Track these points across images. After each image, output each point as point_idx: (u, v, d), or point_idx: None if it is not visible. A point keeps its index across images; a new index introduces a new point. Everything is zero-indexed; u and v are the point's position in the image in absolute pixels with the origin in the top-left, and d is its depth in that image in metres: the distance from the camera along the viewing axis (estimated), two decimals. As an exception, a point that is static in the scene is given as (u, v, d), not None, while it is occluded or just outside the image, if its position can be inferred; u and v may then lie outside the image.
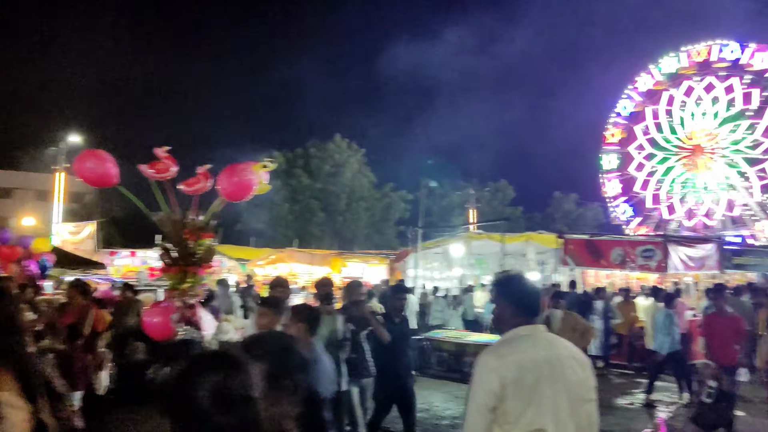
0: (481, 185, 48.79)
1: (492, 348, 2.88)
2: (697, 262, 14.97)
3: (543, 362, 2.74)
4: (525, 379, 2.68)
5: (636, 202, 46.75)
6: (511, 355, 2.75)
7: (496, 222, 17.28)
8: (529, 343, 2.80)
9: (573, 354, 2.86)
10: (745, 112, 42.09)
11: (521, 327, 2.86)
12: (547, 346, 2.82)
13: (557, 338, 2.99)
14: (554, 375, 2.73)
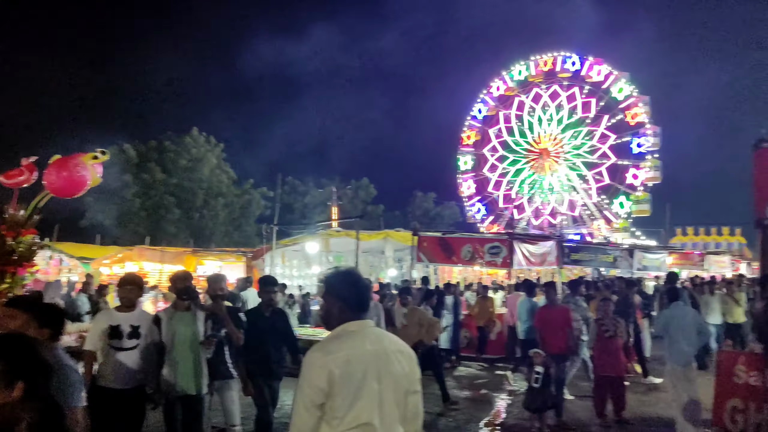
0: (343, 183, 49.19)
1: (320, 345, 2.84)
2: (538, 258, 15.94)
3: (371, 357, 2.76)
4: (353, 375, 2.69)
5: (489, 202, 49.27)
6: (339, 351, 2.74)
7: (352, 219, 17.32)
8: (357, 339, 2.80)
9: (400, 348, 2.91)
10: (584, 119, 45.73)
11: (349, 323, 2.86)
12: (375, 341, 2.83)
13: (385, 333, 3.02)
14: (381, 369, 2.76)
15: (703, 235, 47.08)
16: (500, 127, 48.52)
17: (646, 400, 9.94)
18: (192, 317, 5.64)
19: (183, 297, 5.71)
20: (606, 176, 45.31)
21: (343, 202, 44.27)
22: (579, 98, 45.53)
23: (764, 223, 7.82)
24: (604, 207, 46.03)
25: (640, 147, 43.08)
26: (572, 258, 18.38)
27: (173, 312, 5.69)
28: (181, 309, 5.68)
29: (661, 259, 22.97)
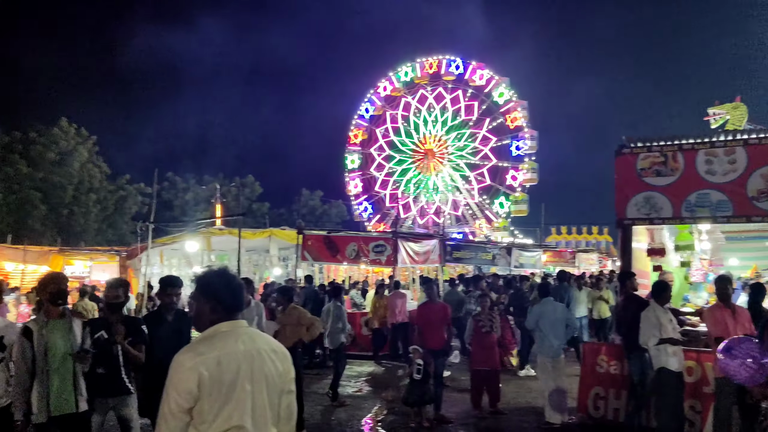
0: (227, 180, 47.99)
1: (189, 347, 2.75)
2: (422, 256, 16.27)
3: (243, 358, 2.70)
4: (224, 376, 2.63)
5: (376, 201, 49.88)
6: (210, 352, 2.66)
7: (234, 217, 16.87)
8: (229, 339, 2.74)
9: (273, 348, 2.87)
10: (467, 122, 47.36)
11: (222, 323, 2.79)
12: (248, 342, 2.78)
13: (258, 333, 2.96)
14: (254, 370, 2.72)
15: (575, 234, 49.96)
16: (387, 127, 49.25)
17: (520, 391, 10.41)
18: (67, 326, 4.96)
19: (57, 302, 4.97)
20: (487, 177, 47.18)
21: (227, 199, 43.16)
22: (462, 101, 47.09)
23: (624, 223, 8.40)
24: (485, 207, 47.87)
25: (518, 150, 45.20)
26: (454, 256, 18.93)
27: (45, 320, 4.92)
28: (54, 316, 4.96)
29: (537, 257, 24.18)
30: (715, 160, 7.89)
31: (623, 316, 7.76)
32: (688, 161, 8.07)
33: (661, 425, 6.88)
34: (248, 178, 51.07)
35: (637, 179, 8.35)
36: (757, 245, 13.39)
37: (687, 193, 8.00)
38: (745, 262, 13.43)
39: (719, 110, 17.64)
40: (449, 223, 45.84)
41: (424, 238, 17.48)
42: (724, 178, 7.77)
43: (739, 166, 7.68)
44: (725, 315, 6.48)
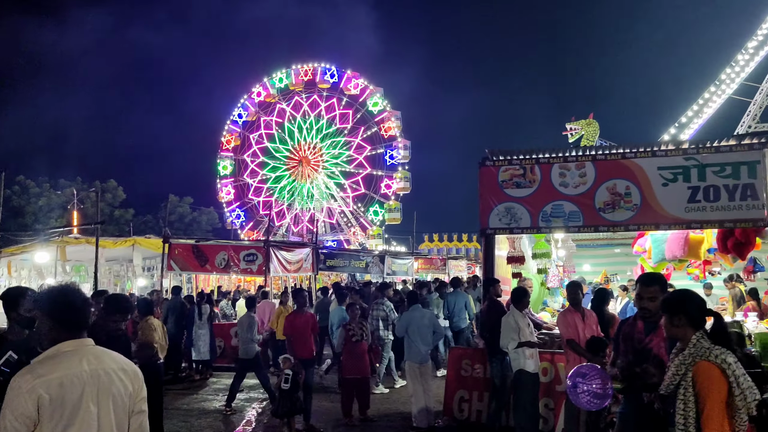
0: (86, 185, 44.97)
1: (27, 368, 2.61)
2: (294, 265, 16.13)
3: (88, 378, 2.61)
4: (67, 398, 2.53)
5: (249, 208, 48.92)
6: (50, 374, 2.54)
7: (91, 225, 15.85)
8: (73, 359, 2.63)
9: (122, 366, 2.78)
10: (342, 130, 47.72)
11: (64, 342, 2.69)
12: (93, 361, 2.68)
13: (105, 351, 2.84)
14: (100, 390, 2.64)
15: (446, 241, 51.84)
16: (261, 133, 48.54)
17: (389, 397, 10.57)
18: None
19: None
20: (362, 185, 47.77)
21: (85, 205, 40.48)
22: (337, 109, 47.42)
23: (486, 232, 8.80)
24: (359, 215, 48.41)
25: (392, 159, 46.17)
26: (328, 264, 18.94)
27: None
28: None
29: (409, 265, 24.74)
30: (568, 174, 8.46)
31: (486, 321, 8.12)
32: (544, 174, 8.58)
33: (518, 424, 7.27)
34: (110, 182, 48.22)
35: (499, 190, 8.77)
36: (607, 252, 14.51)
37: (543, 204, 8.51)
38: (596, 268, 14.49)
39: (575, 125, 18.99)
40: (324, 231, 45.89)
41: (296, 247, 17.35)
42: (576, 190, 8.35)
43: (589, 179, 8.29)
44: (576, 318, 6.95)
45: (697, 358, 3.19)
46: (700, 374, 3.14)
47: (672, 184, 7.70)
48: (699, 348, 3.22)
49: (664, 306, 3.52)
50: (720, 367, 3.12)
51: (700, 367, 3.15)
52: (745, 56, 38.27)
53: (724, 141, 7.74)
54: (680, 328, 3.34)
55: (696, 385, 3.14)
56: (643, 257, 11.11)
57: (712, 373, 3.11)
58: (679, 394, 3.21)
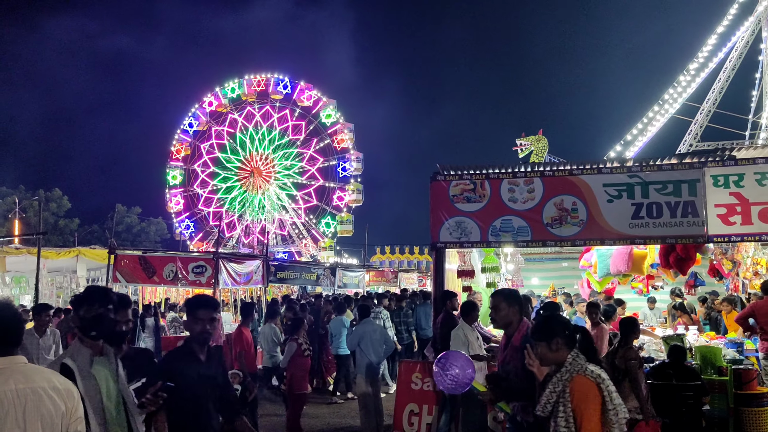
0: (29, 193, 43.48)
1: None
2: (244, 277, 15.89)
3: (14, 398, 2.53)
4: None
5: (198, 219, 48.11)
6: None
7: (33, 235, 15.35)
8: (4, 377, 2.56)
9: (55, 386, 2.70)
10: (295, 142, 47.50)
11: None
12: (22, 380, 2.60)
13: (38, 370, 2.76)
14: (27, 410, 2.55)
15: (398, 253, 51.88)
16: (212, 143, 47.92)
17: (339, 411, 10.50)
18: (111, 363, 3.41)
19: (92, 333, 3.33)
20: (314, 197, 47.59)
21: (28, 214, 39.10)
22: (290, 120, 47.21)
23: (437, 246, 8.85)
24: (311, 226, 48.16)
25: (345, 171, 46.17)
26: (278, 276, 18.73)
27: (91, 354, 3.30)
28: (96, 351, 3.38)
29: (360, 277, 24.67)
30: (517, 189, 8.59)
31: (440, 334, 8.15)
32: (494, 189, 8.70)
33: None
34: (55, 191, 46.76)
35: (450, 205, 8.84)
36: (554, 266, 14.80)
37: (493, 219, 8.61)
38: (544, 282, 14.75)
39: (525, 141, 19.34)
40: (275, 243, 45.46)
41: (246, 259, 17.10)
42: (524, 205, 8.48)
43: (537, 195, 8.43)
44: (524, 331, 7.05)
45: (574, 374, 3.29)
46: (576, 389, 3.23)
47: (617, 201, 7.91)
48: (575, 365, 3.32)
49: (538, 334, 3.57)
50: (595, 381, 3.24)
51: (576, 382, 3.25)
52: (687, 77, 39.78)
53: (666, 159, 8.00)
54: (559, 352, 3.41)
55: (573, 400, 3.23)
56: (589, 271, 11.36)
57: (588, 388, 3.22)
58: (559, 411, 3.28)
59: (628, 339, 6.46)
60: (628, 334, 6.48)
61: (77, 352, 3.25)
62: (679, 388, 6.56)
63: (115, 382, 3.32)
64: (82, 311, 3.33)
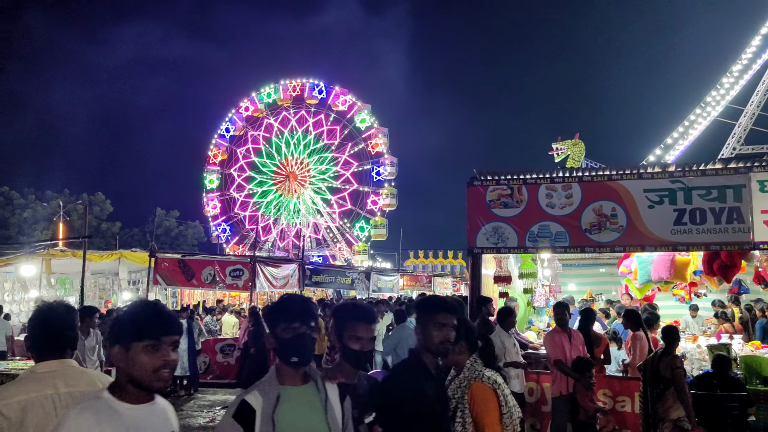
0: (73, 197, 44.64)
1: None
2: (281, 280, 16.10)
3: (57, 401, 2.57)
4: (28, 421, 2.50)
5: (234, 222, 48.73)
6: (14, 396, 2.53)
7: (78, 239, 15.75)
8: (44, 382, 2.61)
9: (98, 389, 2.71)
10: (329, 146, 47.80)
11: (41, 363, 2.70)
12: (68, 383, 2.65)
13: (83, 373, 2.82)
14: None
15: (432, 258, 51.75)
16: (248, 148, 48.52)
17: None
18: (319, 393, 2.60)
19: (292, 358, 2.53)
20: (348, 201, 47.76)
21: (72, 218, 40.14)
22: (325, 125, 47.53)
23: (474, 251, 8.82)
24: (346, 230, 48.35)
25: (379, 175, 46.25)
26: (314, 280, 18.93)
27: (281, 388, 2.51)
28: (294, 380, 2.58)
29: (394, 281, 24.75)
30: (555, 194, 8.51)
31: (476, 340, 8.10)
32: (531, 194, 8.64)
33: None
34: (98, 195, 47.89)
35: (487, 210, 8.80)
36: (592, 272, 14.58)
37: (530, 225, 8.55)
38: (582, 288, 14.54)
39: (561, 145, 19.13)
40: (310, 246, 45.76)
41: (283, 263, 17.30)
42: (562, 211, 8.40)
43: (575, 200, 8.35)
44: (562, 339, 6.97)
45: (472, 380, 3.30)
46: (475, 395, 3.25)
47: (658, 207, 7.78)
48: (473, 371, 3.35)
49: None
50: (492, 387, 3.27)
51: (475, 388, 3.27)
52: (730, 79, 38.88)
53: (710, 165, 7.84)
54: (461, 355, 3.43)
55: (474, 408, 3.24)
56: (628, 278, 11.18)
57: (487, 394, 3.25)
58: (457, 416, 3.27)
59: (672, 347, 6.34)
60: (672, 342, 6.35)
61: (269, 385, 2.52)
62: (724, 398, 6.40)
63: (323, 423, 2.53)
64: (280, 328, 2.57)
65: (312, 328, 2.60)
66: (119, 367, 2.08)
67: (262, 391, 2.47)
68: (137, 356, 2.04)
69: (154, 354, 2.04)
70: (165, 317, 2.13)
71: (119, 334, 2.09)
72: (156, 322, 2.09)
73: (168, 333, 2.10)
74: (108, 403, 2.05)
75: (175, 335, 2.13)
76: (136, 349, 2.04)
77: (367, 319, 2.98)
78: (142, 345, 2.04)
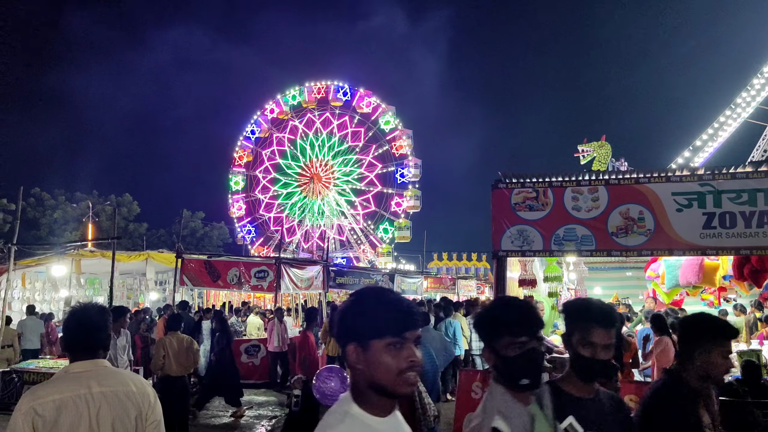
0: (102, 198, 45.36)
1: (32, 389, 2.69)
2: (306, 282, 16.14)
3: (90, 400, 2.64)
4: (62, 420, 2.57)
5: (259, 224, 49.10)
6: (49, 395, 2.60)
7: (107, 240, 15.97)
8: (78, 381, 2.67)
9: (131, 389, 2.78)
10: (354, 148, 47.94)
11: (74, 363, 2.76)
12: (101, 383, 2.70)
13: (115, 373, 2.85)
14: (101, 413, 2.64)
15: (456, 260, 51.57)
16: (273, 149, 48.86)
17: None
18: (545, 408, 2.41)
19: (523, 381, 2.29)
20: (372, 203, 47.85)
21: (101, 218, 40.78)
22: (349, 127, 47.68)
23: (499, 254, 8.77)
24: (369, 232, 48.42)
25: (403, 177, 46.26)
26: (338, 282, 18.96)
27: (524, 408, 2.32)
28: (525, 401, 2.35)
29: (418, 283, 24.69)
30: (581, 197, 8.44)
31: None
32: (557, 197, 8.57)
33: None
34: (125, 196, 48.61)
35: (512, 213, 8.75)
36: (618, 275, 14.44)
37: (555, 228, 8.48)
38: (608, 291, 14.40)
39: (587, 147, 18.91)
40: (334, 248, 45.91)
41: (307, 264, 17.37)
42: (588, 214, 8.32)
43: (602, 203, 8.26)
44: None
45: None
46: None
47: (687, 210, 7.67)
48: None
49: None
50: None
51: None
52: (761, 80, 38.15)
53: (741, 167, 7.71)
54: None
55: None
56: (656, 282, 11.04)
57: None
58: None
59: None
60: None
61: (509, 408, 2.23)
62: (753, 406, 6.29)
63: None
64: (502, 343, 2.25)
65: (540, 339, 2.29)
66: (357, 370, 1.75)
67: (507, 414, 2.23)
68: (379, 356, 1.71)
69: (398, 353, 1.71)
70: (405, 308, 1.76)
71: (355, 329, 1.76)
72: (398, 315, 1.74)
73: (412, 327, 1.75)
74: (360, 419, 1.72)
75: (418, 329, 1.78)
76: (378, 348, 1.71)
77: (604, 322, 2.52)
78: (384, 343, 1.71)
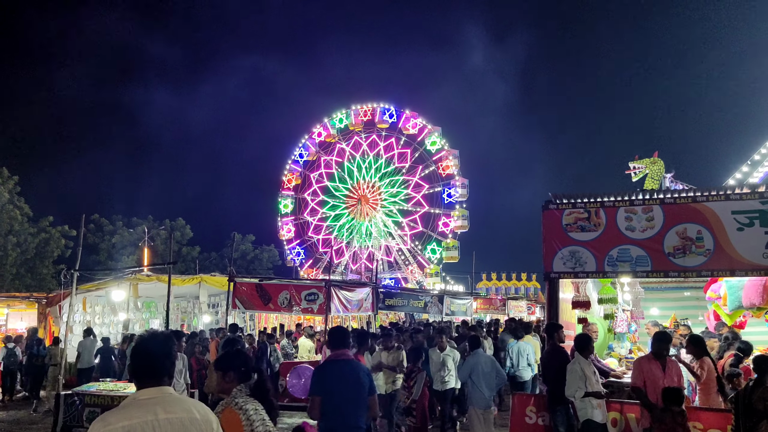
0: (156, 223, 46.63)
1: (103, 416, 2.73)
2: (355, 304, 16.19)
3: (157, 427, 2.67)
4: None
5: (308, 246, 49.61)
6: (117, 423, 2.63)
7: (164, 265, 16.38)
8: (148, 408, 2.71)
9: (194, 416, 2.82)
10: (400, 169, 48.15)
11: (142, 390, 2.80)
12: (167, 409, 2.74)
13: (183, 400, 2.90)
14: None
15: (505, 280, 50.97)
16: (321, 172, 49.46)
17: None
18: None
19: None
20: (419, 223, 47.84)
21: (155, 242, 41.93)
22: (396, 148, 47.94)
23: (551, 276, 8.67)
24: (417, 253, 48.34)
25: (450, 197, 46.15)
26: (387, 303, 18.91)
27: None
28: None
29: (468, 305, 24.44)
30: (635, 217, 8.29)
31: (549, 368, 7.94)
32: (609, 218, 8.44)
33: (588, 477, 7.01)
34: (179, 221, 49.85)
35: (563, 234, 8.66)
36: (676, 295, 13.99)
37: (609, 249, 8.35)
38: (665, 312, 13.97)
39: (639, 164, 18.53)
40: (382, 269, 45.96)
41: (356, 286, 17.42)
42: (643, 234, 8.16)
43: (657, 223, 8.10)
44: (652, 367, 6.67)
45: (225, 406, 3.74)
46: (222, 420, 3.50)
47: (748, 229, 7.45)
48: (231, 399, 3.77)
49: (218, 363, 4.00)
50: (239, 413, 3.66)
51: (224, 413, 3.68)
52: (821, 90, 36.79)
53: (802, 184, 7.46)
54: (230, 384, 3.84)
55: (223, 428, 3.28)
56: (717, 303, 10.66)
57: (231, 418, 3.66)
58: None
59: (765, 377, 6.00)
60: (765, 373, 6.02)
61: None
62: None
63: None
64: None
65: None
66: None
67: None
68: None
69: None
70: None
71: None
72: None
73: None
74: None
75: None
76: None
77: None
78: None
